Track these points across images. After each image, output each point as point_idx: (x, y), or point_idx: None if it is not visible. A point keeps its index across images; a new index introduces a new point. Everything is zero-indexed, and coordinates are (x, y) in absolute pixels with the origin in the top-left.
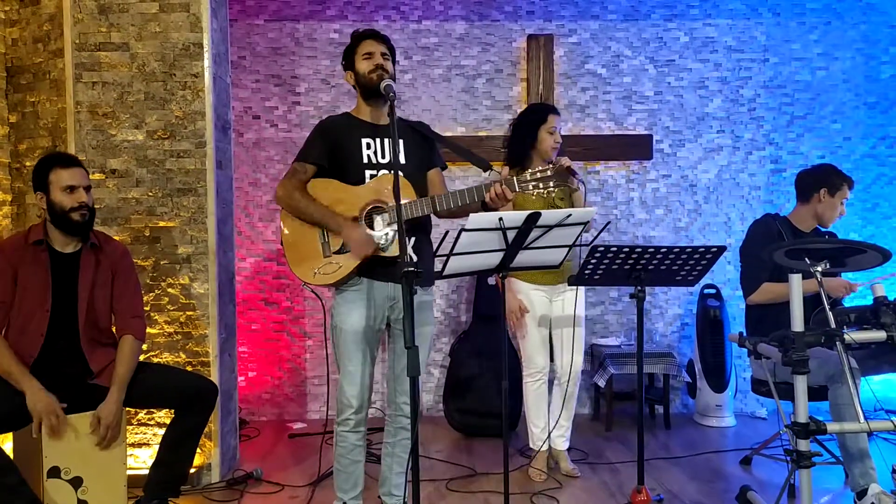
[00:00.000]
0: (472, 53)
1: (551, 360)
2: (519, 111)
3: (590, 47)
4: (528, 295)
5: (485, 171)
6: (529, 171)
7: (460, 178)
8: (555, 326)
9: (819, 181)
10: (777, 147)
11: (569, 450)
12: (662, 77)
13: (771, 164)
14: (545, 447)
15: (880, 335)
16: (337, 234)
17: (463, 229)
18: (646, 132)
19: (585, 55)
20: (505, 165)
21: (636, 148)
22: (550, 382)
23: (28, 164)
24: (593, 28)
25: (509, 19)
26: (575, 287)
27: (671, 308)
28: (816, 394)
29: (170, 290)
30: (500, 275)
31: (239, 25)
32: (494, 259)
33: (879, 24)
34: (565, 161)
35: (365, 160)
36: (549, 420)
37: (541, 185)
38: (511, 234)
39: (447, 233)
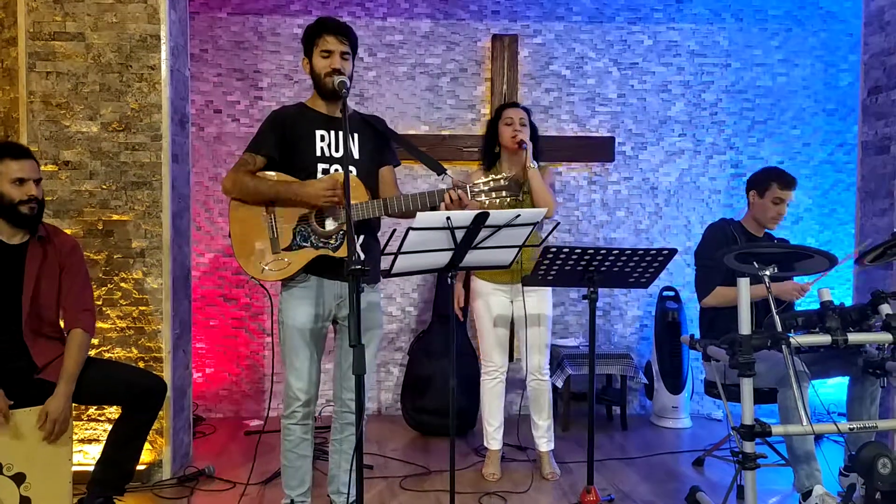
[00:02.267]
0: (436, 52)
1: (513, 360)
2: (482, 111)
3: (554, 48)
4: (487, 294)
5: (439, 174)
6: (483, 179)
7: (423, 176)
8: (519, 326)
9: (751, 183)
10: (737, 151)
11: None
12: (626, 80)
13: (731, 168)
14: (497, 447)
15: (825, 339)
16: (295, 201)
17: (410, 228)
18: (608, 134)
19: (550, 56)
20: (480, 165)
21: (598, 150)
22: (519, 383)
23: None
24: (558, 29)
25: (474, 18)
26: (539, 287)
27: (630, 309)
28: (768, 396)
29: (122, 284)
30: (450, 274)
31: (201, 18)
32: (443, 258)
33: (839, 33)
34: (518, 136)
35: (318, 153)
36: (503, 419)
37: (493, 194)
38: (459, 234)
39: (394, 231)
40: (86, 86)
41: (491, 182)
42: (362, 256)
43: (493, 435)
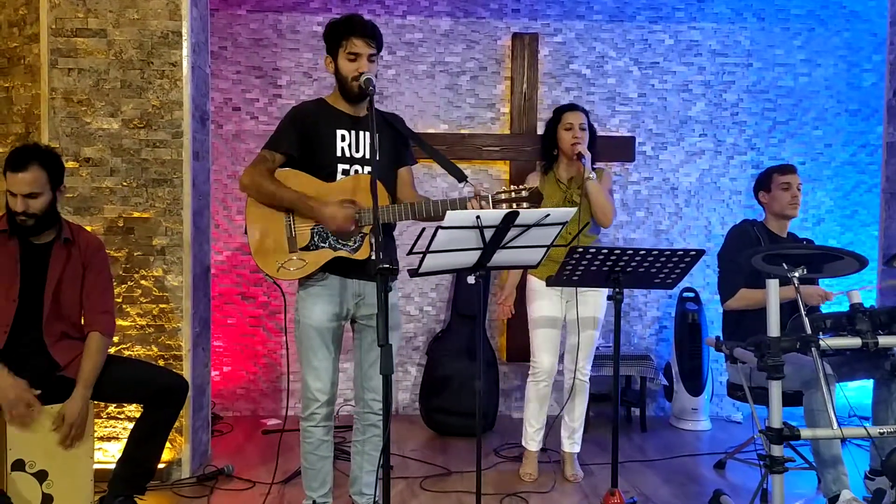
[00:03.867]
0: (456, 50)
1: (561, 360)
2: (502, 110)
3: (574, 47)
4: (542, 294)
5: (460, 181)
6: (505, 189)
7: (441, 175)
8: (570, 328)
9: (755, 188)
10: (759, 152)
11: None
12: (646, 79)
13: (752, 169)
14: (535, 448)
15: (855, 342)
16: (310, 217)
17: (439, 227)
18: (629, 134)
19: (570, 55)
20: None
21: (619, 150)
22: (558, 384)
23: (0, 150)
24: (578, 28)
25: (494, 17)
26: (597, 290)
27: (650, 310)
28: (791, 399)
29: (143, 282)
30: (477, 273)
31: (220, 15)
32: (471, 257)
33: (862, 32)
34: (576, 147)
35: (339, 153)
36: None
37: (514, 205)
38: (488, 233)
39: (423, 230)
40: (107, 82)
41: (512, 193)
42: (380, 256)
43: (533, 436)
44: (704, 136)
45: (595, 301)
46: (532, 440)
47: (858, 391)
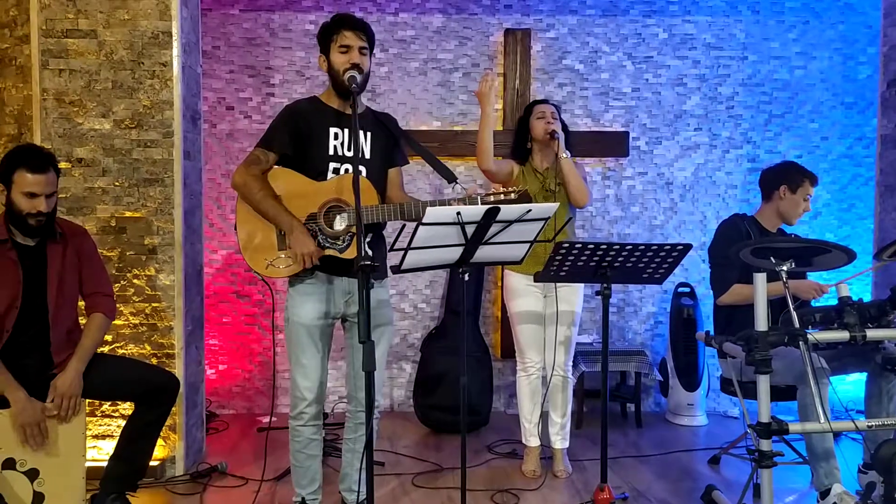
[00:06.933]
0: (448, 47)
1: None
2: (495, 106)
3: (567, 42)
4: (521, 290)
5: (449, 182)
6: (494, 191)
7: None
8: (548, 323)
9: (779, 178)
10: (754, 146)
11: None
12: (640, 74)
13: (748, 163)
14: (536, 443)
15: (843, 335)
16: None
17: (420, 223)
18: (622, 129)
19: (563, 50)
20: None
21: (613, 145)
22: (542, 379)
23: None
24: (571, 23)
25: (487, 13)
26: (574, 285)
27: (645, 306)
28: (786, 393)
29: (135, 281)
30: (461, 270)
31: (213, 15)
32: (454, 254)
33: (857, 25)
34: (549, 126)
35: (331, 151)
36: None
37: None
38: (470, 229)
39: (404, 226)
40: (98, 83)
41: (501, 195)
42: (370, 253)
43: (532, 431)
44: (699, 130)
45: (573, 296)
46: (532, 436)
47: (856, 384)
